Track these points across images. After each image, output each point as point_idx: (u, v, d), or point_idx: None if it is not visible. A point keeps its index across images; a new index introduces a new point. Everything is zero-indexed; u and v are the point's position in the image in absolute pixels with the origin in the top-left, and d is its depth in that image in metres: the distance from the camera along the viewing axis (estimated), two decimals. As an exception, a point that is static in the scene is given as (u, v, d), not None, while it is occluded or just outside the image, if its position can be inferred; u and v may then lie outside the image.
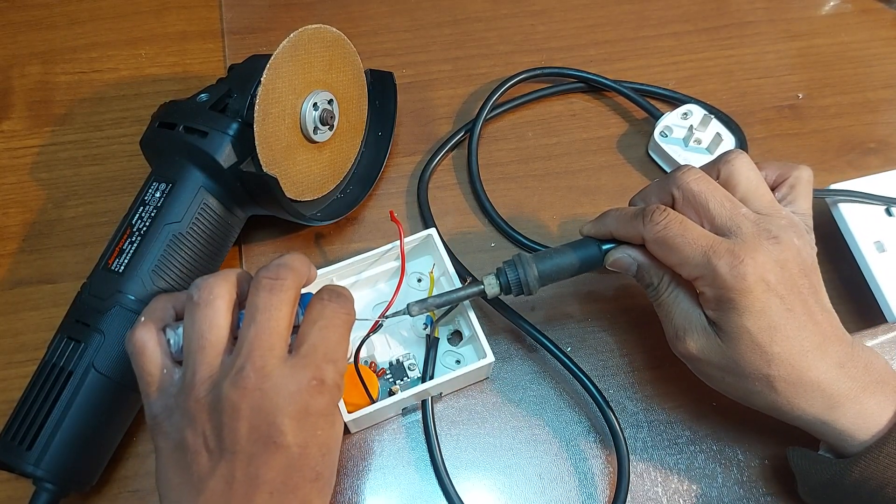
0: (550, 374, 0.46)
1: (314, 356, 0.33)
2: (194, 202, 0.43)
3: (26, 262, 0.49)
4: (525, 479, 0.43)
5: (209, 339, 0.33)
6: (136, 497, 0.42)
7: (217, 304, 0.34)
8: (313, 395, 0.33)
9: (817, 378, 0.35)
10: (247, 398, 0.32)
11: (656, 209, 0.37)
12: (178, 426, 0.33)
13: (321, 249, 0.50)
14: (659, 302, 0.39)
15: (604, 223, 0.41)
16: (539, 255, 0.41)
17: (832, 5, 0.63)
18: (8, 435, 0.38)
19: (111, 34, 0.59)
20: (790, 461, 0.38)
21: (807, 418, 0.36)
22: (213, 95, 0.44)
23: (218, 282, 0.34)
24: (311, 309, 0.35)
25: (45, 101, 0.56)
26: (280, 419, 0.32)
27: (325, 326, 0.34)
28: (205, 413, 0.32)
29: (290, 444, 0.32)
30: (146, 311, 0.36)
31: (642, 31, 0.61)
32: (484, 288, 0.41)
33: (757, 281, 0.34)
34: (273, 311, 0.33)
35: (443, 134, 0.55)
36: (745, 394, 0.37)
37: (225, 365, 0.33)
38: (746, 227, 0.36)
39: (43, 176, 0.53)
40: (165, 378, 0.34)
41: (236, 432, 0.32)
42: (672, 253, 0.37)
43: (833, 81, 0.58)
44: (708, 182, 0.38)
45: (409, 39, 0.60)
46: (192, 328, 0.34)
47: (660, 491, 0.43)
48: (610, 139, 0.55)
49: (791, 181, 0.40)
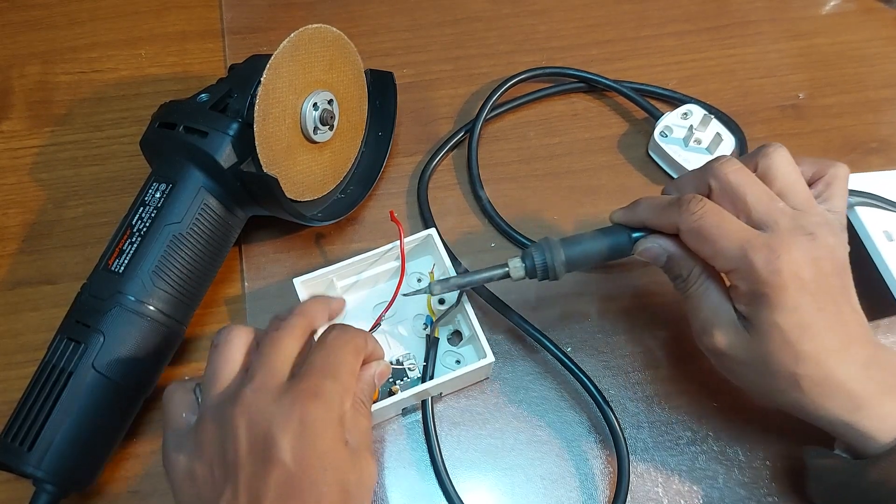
0: (551, 374, 0.46)
1: (312, 372, 0.34)
2: (194, 202, 0.43)
3: (26, 263, 0.49)
4: (525, 480, 0.43)
5: (222, 371, 0.35)
6: (136, 497, 0.42)
7: (234, 343, 0.36)
8: (306, 406, 0.32)
9: (843, 378, 0.35)
10: (244, 414, 0.32)
11: (693, 198, 0.37)
12: (187, 459, 0.33)
13: (321, 249, 0.50)
14: (687, 294, 0.39)
15: (636, 211, 0.40)
16: (567, 240, 0.40)
17: (833, 5, 0.62)
18: (8, 436, 0.38)
19: (111, 34, 0.59)
20: (806, 460, 0.38)
21: (829, 418, 0.36)
22: (213, 95, 0.44)
23: (239, 329, 0.36)
24: (318, 341, 0.36)
25: (45, 101, 0.56)
26: (274, 432, 0.32)
27: (326, 349, 0.35)
28: (210, 444, 0.33)
29: (286, 459, 0.31)
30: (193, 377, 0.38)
31: (643, 31, 0.60)
32: (509, 270, 0.41)
33: (792, 277, 0.34)
34: (277, 343, 0.35)
35: (443, 134, 0.55)
36: (769, 391, 0.37)
37: (230, 391, 0.34)
38: (783, 222, 0.35)
39: (43, 176, 0.53)
40: (182, 422, 0.35)
41: (238, 451, 0.32)
42: (707, 244, 0.36)
43: (834, 81, 0.58)
44: (746, 174, 0.37)
45: (409, 39, 0.60)
46: (208, 367, 0.35)
47: (660, 491, 0.43)
48: (610, 139, 0.55)
49: (828, 178, 0.39)
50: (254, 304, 0.48)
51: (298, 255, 0.50)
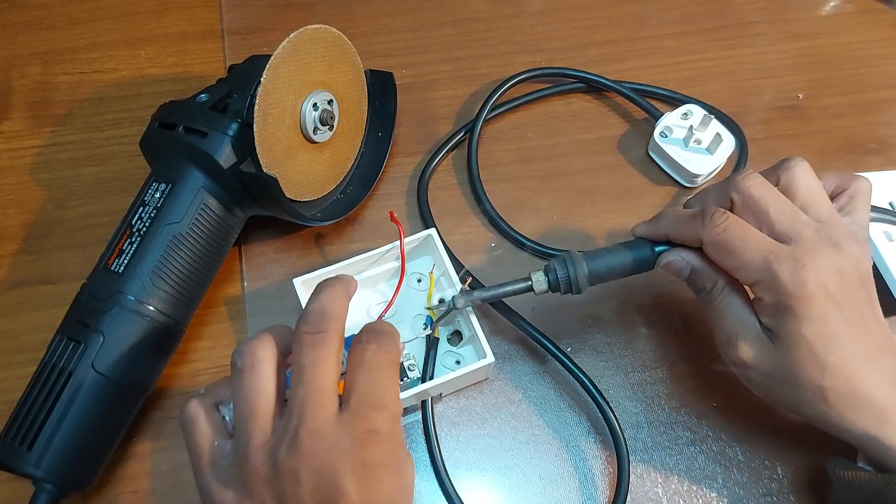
0: (550, 374, 0.46)
1: (363, 406, 0.32)
2: (194, 203, 0.43)
3: (26, 263, 0.49)
4: (525, 480, 0.43)
5: (259, 406, 0.32)
6: (135, 497, 0.42)
7: (262, 369, 0.33)
8: (368, 449, 0.31)
9: (870, 391, 0.34)
10: (305, 462, 0.31)
11: (716, 211, 0.37)
12: (237, 495, 0.32)
13: (321, 250, 0.50)
14: (711, 307, 0.38)
15: (659, 224, 0.40)
16: (590, 254, 0.41)
17: (833, 6, 0.62)
18: (8, 436, 0.38)
19: (111, 34, 0.59)
20: (830, 472, 0.37)
21: (856, 432, 0.35)
22: (213, 96, 0.44)
23: (260, 344, 0.33)
24: (352, 354, 0.34)
25: (45, 101, 0.56)
26: (340, 478, 0.31)
27: (368, 371, 0.33)
28: (263, 483, 0.31)
29: (354, 503, 0.31)
30: (208, 387, 0.35)
31: (643, 32, 0.60)
32: (532, 284, 0.41)
33: (817, 288, 0.34)
34: (319, 367, 0.32)
35: (443, 134, 0.55)
36: (794, 404, 0.36)
37: (278, 430, 0.32)
38: (807, 233, 0.35)
39: (43, 176, 0.53)
40: (216, 451, 0.33)
41: (300, 499, 0.31)
42: (731, 256, 0.36)
43: (834, 82, 0.58)
44: (768, 188, 0.37)
45: (409, 40, 0.60)
46: (239, 396, 0.33)
47: (660, 492, 0.43)
48: (610, 139, 0.55)
49: (851, 192, 0.39)
50: (253, 305, 0.48)
51: (298, 256, 0.50)
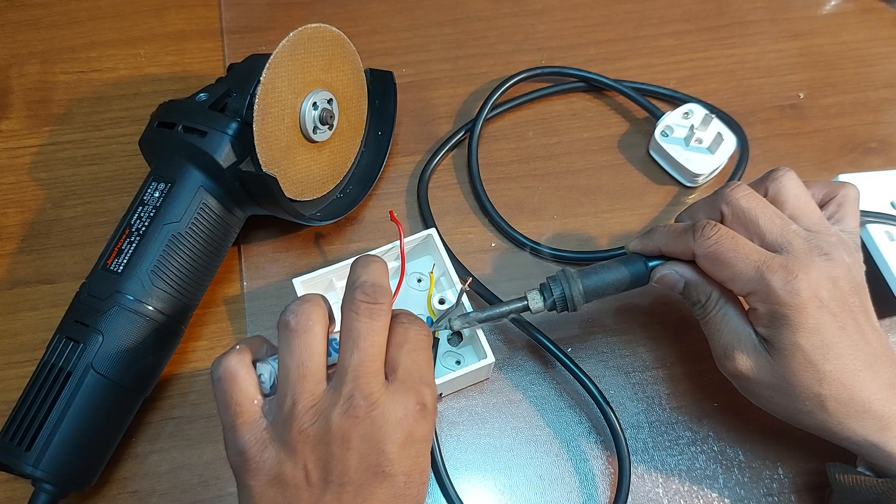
0: (551, 374, 0.46)
1: (412, 380, 0.33)
2: (193, 202, 0.42)
3: (25, 263, 0.49)
4: (525, 480, 0.43)
5: (310, 367, 0.32)
6: (135, 498, 0.42)
7: (316, 331, 0.33)
8: (418, 421, 0.32)
9: (868, 398, 0.35)
10: (358, 427, 0.31)
11: (707, 224, 0.37)
12: (274, 461, 0.32)
13: (321, 249, 0.50)
14: (706, 319, 0.39)
15: (651, 239, 0.40)
16: (584, 271, 0.41)
17: (833, 5, 0.62)
18: (7, 435, 0.38)
19: (110, 33, 0.59)
20: (830, 477, 0.37)
21: (856, 439, 0.35)
22: (212, 95, 0.44)
23: (314, 308, 0.34)
24: (394, 333, 0.34)
25: (43, 100, 0.56)
26: (389, 447, 0.31)
27: (413, 349, 0.34)
28: (309, 445, 0.31)
29: (396, 473, 0.32)
30: (243, 341, 0.35)
31: (643, 31, 0.60)
32: (528, 303, 0.41)
33: (811, 297, 0.34)
34: (374, 337, 0.33)
35: (443, 133, 0.55)
36: (794, 413, 0.37)
37: (329, 394, 0.32)
38: (798, 243, 0.35)
39: (42, 176, 0.53)
40: (256, 410, 0.33)
41: (346, 463, 0.31)
42: (724, 268, 0.36)
43: (834, 81, 0.58)
44: (757, 199, 0.37)
45: (409, 38, 0.60)
46: (289, 356, 0.33)
47: (660, 492, 0.43)
48: (611, 139, 0.55)
49: (839, 199, 0.39)
50: (253, 304, 0.48)
51: (298, 255, 0.50)
